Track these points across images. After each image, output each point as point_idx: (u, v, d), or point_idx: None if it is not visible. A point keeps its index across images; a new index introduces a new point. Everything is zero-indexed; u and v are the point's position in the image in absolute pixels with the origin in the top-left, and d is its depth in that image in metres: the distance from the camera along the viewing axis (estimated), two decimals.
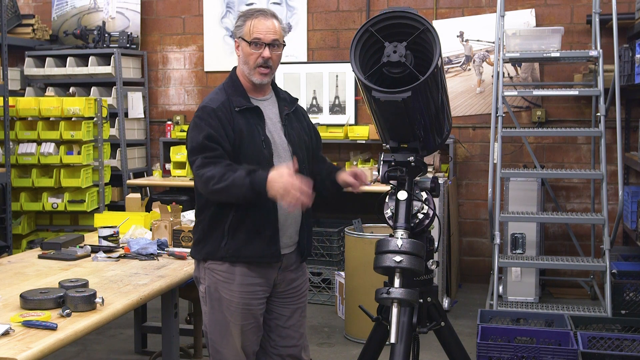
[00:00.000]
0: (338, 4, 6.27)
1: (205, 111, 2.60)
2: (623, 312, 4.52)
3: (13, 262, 3.31)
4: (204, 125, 2.56)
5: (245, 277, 2.64)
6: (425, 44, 2.28)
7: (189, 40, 6.68)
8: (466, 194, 6.08)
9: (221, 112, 2.58)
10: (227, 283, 2.64)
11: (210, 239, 2.65)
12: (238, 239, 2.61)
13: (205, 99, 2.68)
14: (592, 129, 5.11)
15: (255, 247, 2.62)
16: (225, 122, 2.57)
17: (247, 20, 2.65)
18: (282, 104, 2.78)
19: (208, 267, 2.67)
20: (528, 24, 5.80)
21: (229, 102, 2.62)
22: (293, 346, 2.81)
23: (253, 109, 2.65)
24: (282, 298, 2.78)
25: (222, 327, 2.66)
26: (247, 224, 2.60)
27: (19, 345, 2.13)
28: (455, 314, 5.18)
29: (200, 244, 2.69)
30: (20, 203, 5.78)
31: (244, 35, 2.64)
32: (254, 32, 2.62)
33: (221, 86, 2.73)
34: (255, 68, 2.64)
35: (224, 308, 2.65)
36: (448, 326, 2.59)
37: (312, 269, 5.48)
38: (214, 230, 2.64)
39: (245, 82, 2.70)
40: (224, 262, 2.64)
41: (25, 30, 6.57)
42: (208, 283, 2.67)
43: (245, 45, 2.64)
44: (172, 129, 6.47)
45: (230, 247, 2.61)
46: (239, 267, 2.63)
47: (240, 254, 2.61)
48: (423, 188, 2.50)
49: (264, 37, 2.62)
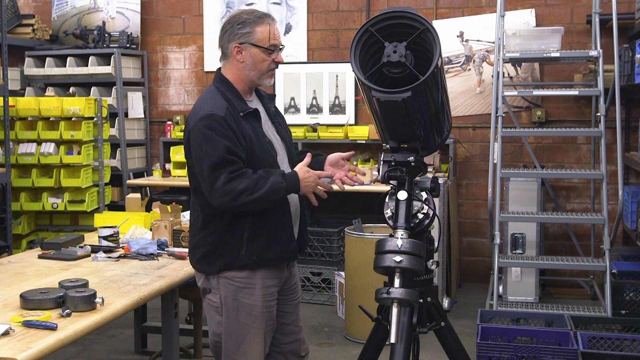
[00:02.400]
0: (338, 4, 6.27)
1: (214, 120, 2.51)
2: (623, 312, 4.52)
3: (13, 262, 3.31)
4: (217, 138, 2.49)
5: (265, 280, 2.64)
6: (425, 44, 2.28)
7: (189, 40, 6.68)
8: (466, 194, 6.08)
9: (230, 119, 2.53)
10: (248, 289, 2.61)
11: (226, 249, 2.60)
12: (259, 244, 2.59)
13: (204, 105, 2.57)
14: (592, 129, 5.11)
15: (277, 249, 2.62)
16: (236, 130, 2.54)
17: (256, 26, 2.60)
18: (265, 101, 2.79)
19: (224, 277, 2.62)
20: (528, 24, 5.80)
21: (233, 107, 2.58)
22: (294, 341, 2.84)
23: (252, 112, 2.64)
24: (286, 295, 2.79)
25: (240, 336, 2.63)
26: (267, 227, 2.60)
27: (19, 345, 2.13)
28: (455, 314, 5.18)
29: (212, 256, 2.62)
30: (20, 203, 5.78)
31: (256, 41, 2.59)
32: (272, 38, 2.61)
33: (214, 90, 2.64)
34: (267, 72, 2.64)
35: (242, 315, 2.61)
36: (448, 326, 2.59)
37: (312, 269, 5.48)
38: (229, 239, 2.60)
39: (240, 85, 2.66)
40: (244, 270, 2.61)
41: (25, 30, 6.57)
42: (225, 293, 2.63)
43: (258, 51, 2.60)
44: (172, 129, 6.47)
45: (252, 254, 2.59)
46: (260, 272, 2.62)
47: (262, 259, 2.60)
48: (423, 188, 2.50)
49: (279, 42, 2.65)
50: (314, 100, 6.28)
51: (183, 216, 3.77)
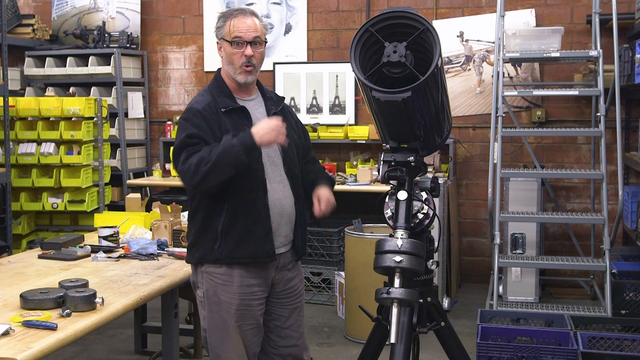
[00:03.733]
0: (338, 4, 6.27)
1: (190, 112, 2.62)
2: (623, 312, 4.52)
3: (13, 262, 3.31)
4: (188, 126, 2.58)
5: (243, 279, 2.64)
6: (425, 44, 2.28)
7: (189, 40, 6.68)
8: (466, 194, 6.08)
9: (206, 112, 2.60)
10: (225, 286, 2.64)
11: (204, 241, 2.64)
12: (231, 240, 2.60)
13: (191, 101, 2.69)
14: (592, 129, 5.11)
15: (249, 247, 2.61)
16: (212, 122, 2.58)
17: (226, 21, 2.66)
18: (269, 103, 2.79)
19: (205, 271, 2.66)
20: (528, 24, 5.80)
21: (215, 103, 2.63)
22: (293, 346, 2.82)
23: (239, 109, 2.66)
24: (280, 298, 2.78)
25: (222, 331, 2.65)
26: (239, 224, 2.60)
27: (19, 345, 2.13)
28: (455, 314, 5.18)
29: (194, 248, 2.69)
30: (20, 203, 5.78)
31: (224, 35, 2.65)
32: (234, 31, 2.63)
33: (206, 88, 2.74)
34: (239, 67, 2.65)
35: (223, 311, 2.64)
36: (448, 326, 2.59)
37: (312, 269, 5.48)
38: (206, 232, 2.64)
39: (231, 83, 2.71)
40: (222, 265, 2.63)
41: (25, 30, 6.57)
42: (206, 287, 2.67)
43: (227, 45, 2.65)
44: (172, 129, 6.47)
45: (224, 249, 2.61)
46: (237, 269, 2.63)
47: (234, 254, 2.61)
48: (423, 188, 2.50)
49: (244, 35, 2.63)
50: (314, 100, 6.28)
51: (183, 216, 3.78)
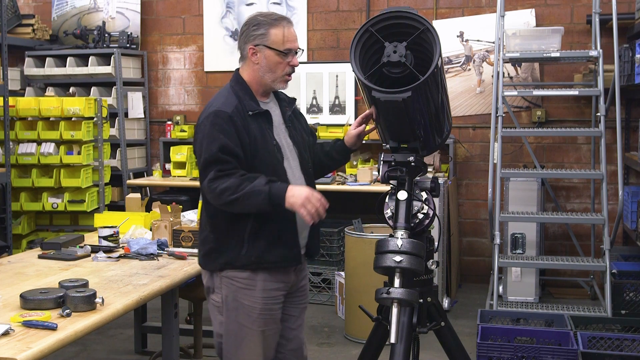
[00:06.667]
0: (338, 4, 6.27)
1: (220, 117, 2.52)
2: (623, 312, 4.52)
3: (13, 262, 3.31)
4: (218, 134, 2.50)
5: (266, 283, 2.62)
6: (425, 44, 2.28)
7: (189, 40, 6.68)
8: (466, 194, 6.08)
9: (236, 117, 2.53)
10: (248, 290, 2.60)
11: (228, 247, 2.60)
12: (259, 246, 2.58)
13: (215, 102, 2.61)
14: (592, 129, 5.11)
15: (277, 253, 2.60)
16: (241, 128, 2.53)
17: (271, 29, 2.58)
18: (283, 104, 2.76)
19: (226, 276, 2.62)
20: (528, 24, 5.80)
21: (242, 106, 2.58)
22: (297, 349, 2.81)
23: (263, 113, 2.63)
24: (293, 298, 2.78)
25: (239, 337, 2.62)
26: (268, 229, 2.58)
27: (19, 345, 2.13)
28: (455, 314, 5.18)
29: (215, 254, 2.63)
30: (20, 203, 5.78)
31: (271, 44, 2.57)
32: (287, 41, 2.59)
33: (229, 88, 2.66)
34: (282, 76, 2.62)
35: (243, 316, 2.61)
36: (448, 326, 2.59)
37: (312, 269, 5.48)
38: (231, 238, 2.60)
39: (255, 86, 2.65)
40: (245, 270, 2.60)
41: (25, 30, 6.57)
42: (226, 292, 2.63)
43: (271, 53, 2.58)
44: (172, 129, 6.47)
45: (251, 255, 2.58)
46: (261, 274, 2.61)
47: (262, 260, 2.59)
48: (423, 188, 2.50)
49: (294, 46, 2.62)
50: (314, 100, 6.28)
51: (183, 216, 3.77)
